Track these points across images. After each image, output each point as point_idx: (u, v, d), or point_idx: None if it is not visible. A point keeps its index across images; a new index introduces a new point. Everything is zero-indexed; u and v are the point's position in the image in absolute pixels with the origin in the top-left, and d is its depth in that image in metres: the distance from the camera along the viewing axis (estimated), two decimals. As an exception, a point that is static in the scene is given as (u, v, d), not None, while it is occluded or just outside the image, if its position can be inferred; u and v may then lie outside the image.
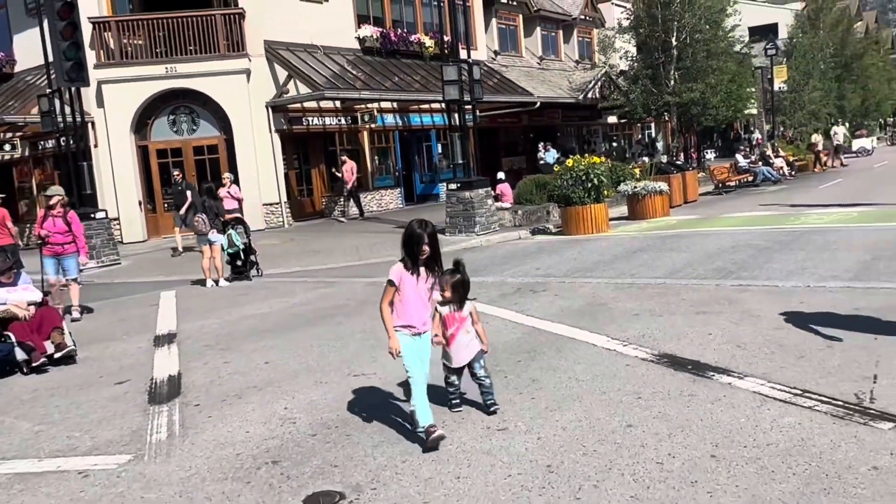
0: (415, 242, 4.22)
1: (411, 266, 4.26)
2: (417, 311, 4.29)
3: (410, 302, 4.26)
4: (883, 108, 53.84)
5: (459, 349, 4.62)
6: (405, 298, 4.25)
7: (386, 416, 4.83)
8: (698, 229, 13.45)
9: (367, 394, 5.35)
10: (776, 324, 6.23)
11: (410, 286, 4.26)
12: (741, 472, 3.56)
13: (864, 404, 4.27)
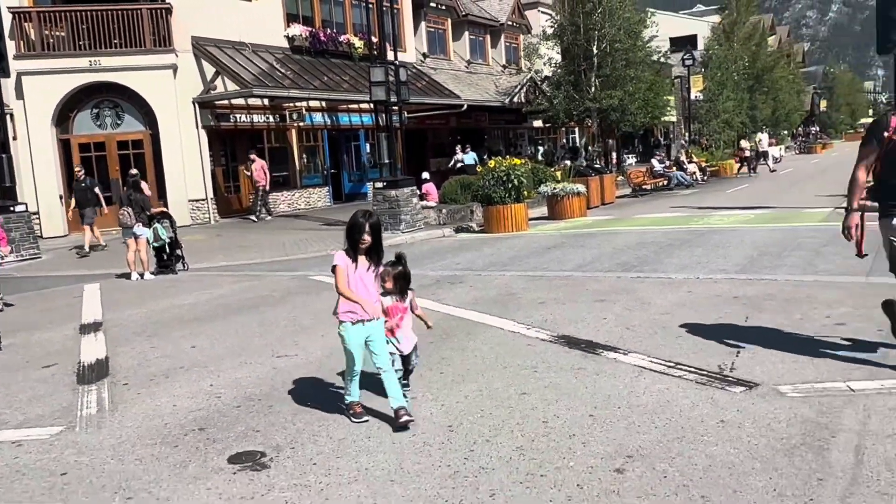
0: (357, 231, 4.32)
1: (353, 255, 4.36)
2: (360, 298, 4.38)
3: (353, 289, 4.36)
4: (792, 119, 56.84)
5: (406, 336, 4.83)
6: (350, 286, 4.36)
7: (306, 390, 5.25)
8: (610, 228, 14.27)
9: (289, 372, 5.75)
10: (663, 310, 6.92)
11: (352, 274, 4.36)
12: (613, 427, 4.14)
13: (724, 373, 4.93)
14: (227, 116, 21.33)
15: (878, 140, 4.68)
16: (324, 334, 6.94)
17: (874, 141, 4.70)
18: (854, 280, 7.64)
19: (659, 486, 3.41)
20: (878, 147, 4.67)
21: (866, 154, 4.76)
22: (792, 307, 6.65)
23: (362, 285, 4.38)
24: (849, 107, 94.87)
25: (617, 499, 3.32)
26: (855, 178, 4.79)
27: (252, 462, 4.03)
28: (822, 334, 5.72)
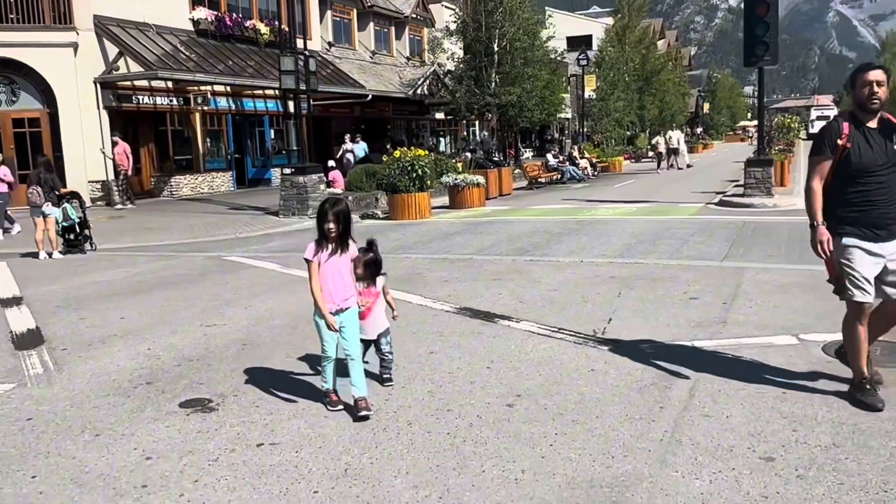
0: (323, 221, 4.36)
1: (324, 244, 4.38)
2: (335, 287, 4.41)
3: (327, 279, 4.38)
4: (677, 119, 60.29)
5: (372, 322, 4.90)
6: (322, 276, 4.39)
7: (239, 352, 5.90)
8: (507, 218, 15.36)
9: (220, 338, 6.37)
10: (551, 287, 7.94)
11: (325, 264, 4.38)
12: (505, 376, 5.04)
13: (597, 335, 5.94)
14: (129, 98, 21.15)
15: (831, 148, 4.28)
16: (247, 307, 7.57)
17: (827, 149, 4.30)
18: (710, 264, 8.92)
19: (541, 414, 4.33)
20: (833, 155, 4.29)
21: (820, 163, 4.34)
22: (657, 285, 7.81)
23: (337, 274, 4.41)
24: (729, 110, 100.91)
25: (508, 424, 4.21)
26: (811, 189, 4.37)
27: (202, 406, 4.69)
28: (678, 306, 6.85)
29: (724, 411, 4.27)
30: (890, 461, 3.57)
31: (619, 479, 3.49)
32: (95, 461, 3.92)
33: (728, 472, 3.51)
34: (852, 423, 4.03)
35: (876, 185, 4.21)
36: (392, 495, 3.41)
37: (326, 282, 4.40)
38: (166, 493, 3.53)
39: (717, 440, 3.88)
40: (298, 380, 5.13)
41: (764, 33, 14.97)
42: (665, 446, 3.83)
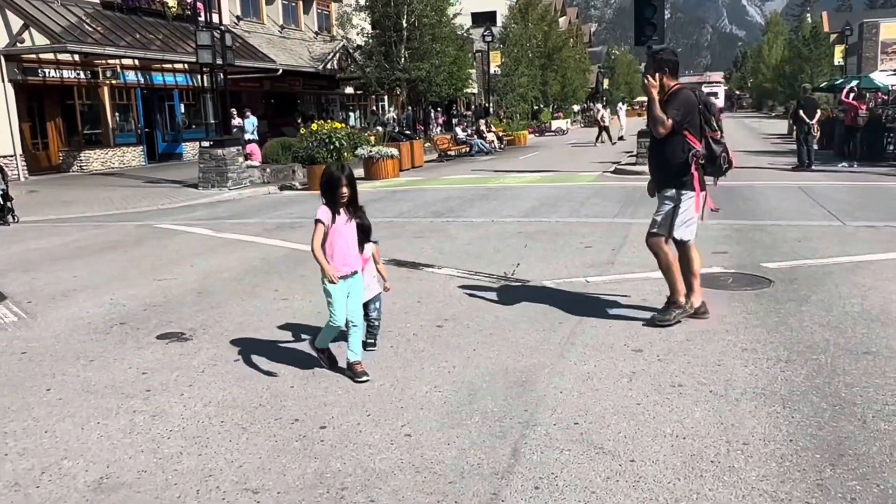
0: (336, 185, 4.34)
1: (333, 209, 4.38)
2: (344, 252, 4.43)
3: (337, 244, 4.39)
4: (578, 95, 62.63)
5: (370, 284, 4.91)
6: (331, 241, 4.38)
7: (196, 297, 6.67)
8: (421, 187, 16.34)
9: (175, 289, 7.10)
10: (467, 241, 9.00)
11: (335, 229, 4.39)
12: (433, 307, 6.05)
13: (508, 276, 7.03)
14: (34, 71, 20.82)
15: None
16: (192, 265, 8.28)
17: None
18: (603, 220, 10.22)
19: (465, 331, 5.36)
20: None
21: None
22: (557, 237, 8.99)
23: (343, 240, 4.42)
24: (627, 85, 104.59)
25: (439, 338, 5.22)
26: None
27: (177, 338, 5.49)
28: (575, 253, 8.04)
29: (607, 323, 5.42)
30: (725, 348, 4.78)
31: (527, 368, 4.56)
32: (98, 377, 4.69)
33: (608, 360, 4.65)
34: (701, 325, 5.26)
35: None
36: (352, 385, 4.37)
37: (339, 246, 4.41)
38: (168, 394, 4.36)
39: (601, 341, 5.02)
40: (257, 317, 5.98)
41: (652, 15, 16.39)
42: (562, 347, 4.94)
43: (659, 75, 5.27)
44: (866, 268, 6.88)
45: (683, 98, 5.20)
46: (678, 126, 5.14)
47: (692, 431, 3.60)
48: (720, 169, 5.25)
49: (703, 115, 5.19)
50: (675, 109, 5.14)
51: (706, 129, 5.21)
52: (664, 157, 5.27)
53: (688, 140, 5.16)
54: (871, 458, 3.27)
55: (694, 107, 5.17)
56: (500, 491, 3.11)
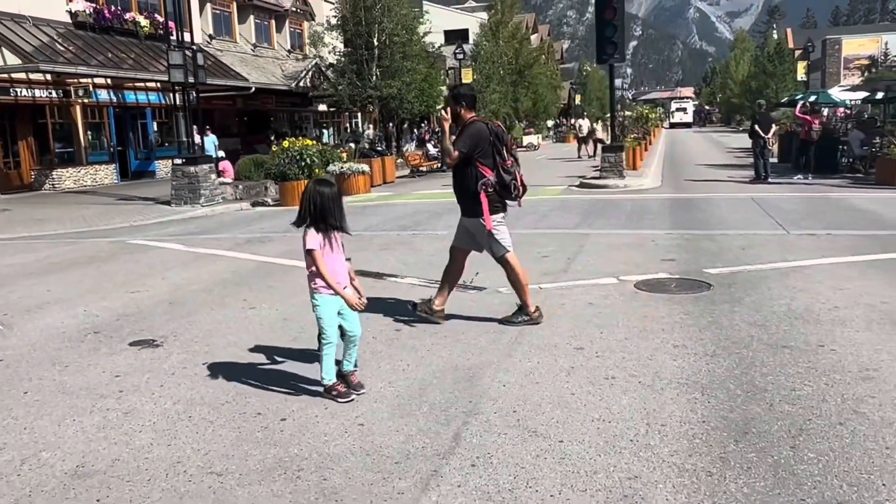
0: (331, 208, 4.31)
1: (324, 229, 4.32)
2: (341, 268, 4.43)
3: (329, 263, 4.36)
4: (549, 111, 63.56)
5: None
6: (329, 259, 4.37)
7: (167, 307, 6.97)
8: (391, 202, 16.71)
9: (147, 300, 7.39)
10: (431, 253, 9.38)
11: (328, 249, 4.36)
12: (394, 312, 6.40)
13: (466, 284, 7.40)
14: (6, 90, 20.95)
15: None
16: (163, 278, 8.56)
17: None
18: (563, 231, 10.67)
19: (421, 334, 5.72)
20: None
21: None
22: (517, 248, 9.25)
23: (336, 258, 4.42)
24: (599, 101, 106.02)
25: (397, 340, 5.58)
26: None
27: (149, 345, 5.78)
28: (533, 261, 8.43)
29: (554, 324, 5.82)
30: (659, 345, 5.19)
31: (475, 365, 4.93)
32: (73, 380, 4.98)
33: (550, 357, 5.03)
34: (641, 326, 5.66)
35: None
36: (312, 383, 4.71)
37: (335, 265, 4.38)
38: (140, 394, 4.67)
39: (546, 340, 5.41)
40: (226, 324, 6.30)
41: (612, 34, 17.02)
42: (510, 346, 5.32)
43: (459, 108, 5.68)
44: (800, 272, 7.36)
45: (474, 130, 5.61)
46: (469, 157, 5.58)
47: (617, 416, 3.99)
48: (511, 195, 5.74)
49: (494, 146, 5.60)
50: (463, 141, 5.57)
51: (498, 159, 5.62)
52: (462, 185, 5.76)
53: (479, 169, 5.60)
54: (771, 435, 3.68)
55: (485, 138, 5.59)
56: (441, 469, 3.47)
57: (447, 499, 3.19)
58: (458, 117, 5.71)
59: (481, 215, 5.70)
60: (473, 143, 5.57)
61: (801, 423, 3.80)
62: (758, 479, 3.25)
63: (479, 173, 5.61)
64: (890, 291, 6.44)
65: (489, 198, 5.64)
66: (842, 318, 5.65)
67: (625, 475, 3.33)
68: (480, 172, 5.61)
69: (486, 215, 5.66)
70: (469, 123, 5.65)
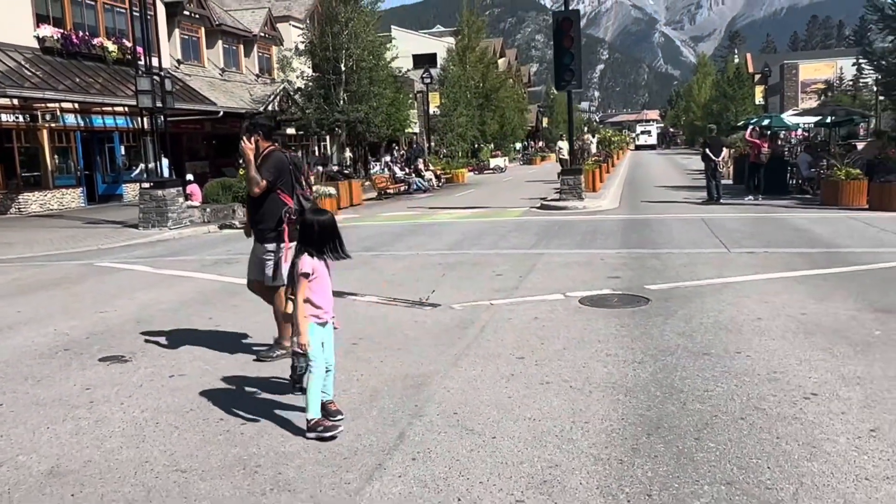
0: (332, 233, 4.40)
1: (318, 256, 4.36)
2: (325, 299, 4.40)
3: (320, 291, 4.35)
4: (517, 134, 64.56)
5: None
6: (317, 288, 4.33)
7: (136, 326, 7.28)
8: (357, 224, 17.12)
9: (116, 319, 7.69)
10: (391, 272, 9.80)
11: (322, 275, 4.38)
12: (351, 328, 6.79)
13: (422, 301, 7.84)
14: (-28, 115, 21.01)
15: None
16: (131, 298, 8.86)
17: None
18: (518, 251, 11.15)
19: (376, 347, 6.12)
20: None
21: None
22: (474, 267, 9.86)
23: (328, 286, 4.44)
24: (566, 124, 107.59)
25: (353, 354, 5.97)
26: None
27: (118, 360, 6.11)
28: (487, 280, 8.90)
29: (500, 337, 6.26)
30: (594, 354, 5.65)
31: (424, 374, 5.35)
32: (46, 393, 5.30)
33: (493, 366, 5.47)
34: (579, 337, 6.13)
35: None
36: (273, 394, 5.09)
37: (319, 294, 4.36)
38: (110, 404, 5.01)
39: (491, 351, 5.85)
40: (191, 341, 6.64)
41: (570, 62, 17.69)
42: (457, 357, 5.75)
43: (256, 138, 5.70)
44: (733, 287, 7.91)
45: (276, 160, 5.71)
46: (272, 186, 5.67)
47: (547, 415, 4.43)
48: None
49: (293, 175, 5.77)
50: (268, 171, 5.64)
51: (297, 188, 5.81)
52: (263, 213, 5.78)
53: (280, 198, 5.72)
54: (680, 429, 4.15)
55: (286, 167, 5.73)
56: (384, 462, 3.87)
57: (388, 486, 3.60)
58: (257, 147, 5.72)
59: (274, 241, 5.77)
60: (278, 172, 5.67)
61: (707, 419, 4.27)
62: (662, 465, 3.70)
63: (282, 201, 5.71)
64: (810, 304, 7.00)
65: (291, 226, 5.68)
66: (762, 329, 6.17)
67: (547, 464, 3.76)
68: (282, 201, 5.71)
69: (287, 243, 5.70)
70: (269, 153, 5.72)
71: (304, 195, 5.88)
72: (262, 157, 5.70)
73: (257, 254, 5.93)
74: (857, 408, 4.36)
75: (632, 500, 3.37)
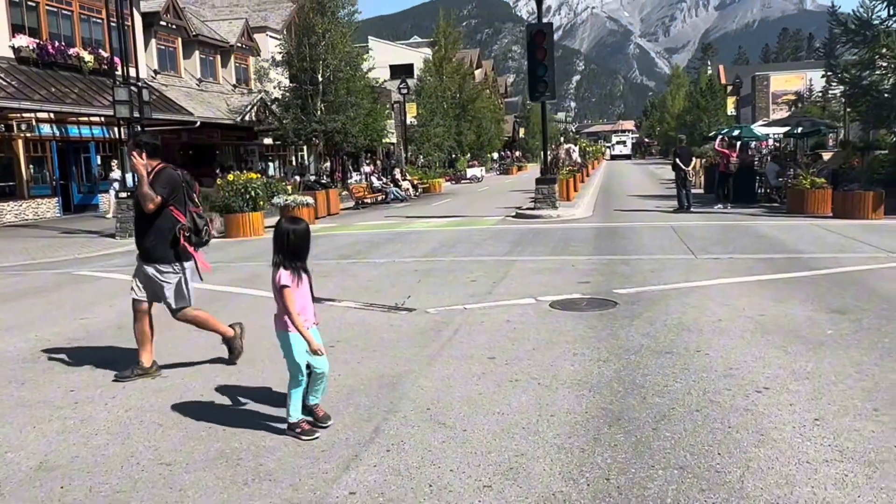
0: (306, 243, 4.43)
1: (294, 266, 4.37)
2: (306, 308, 4.43)
3: (299, 300, 4.37)
4: (493, 144, 65.07)
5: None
6: (301, 296, 4.39)
7: (117, 332, 7.42)
8: (334, 233, 17.30)
9: (97, 325, 7.83)
10: (368, 279, 10.01)
11: (300, 285, 4.40)
12: (329, 331, 6.98)
13: (398, 306, 8.06)
14: (-53, 124, 20.92)
15: None
16: (111, 305, 8.98)
17: None
18: (492, 258, 11.42)
19: (354, 349, 6.33)
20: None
21: None
22: (449, 274, 10.10)
23: (306, 295, 4.47)
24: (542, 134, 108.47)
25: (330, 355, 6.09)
26: None
27: (101, 364, 6.25)
28: (461, 286, 9.14)
29: (473, 339, 6.51)
30: (562, 353, 5.91)
31: (399, 373, 5.58)
32: (31, 395, 5.45)
33: (465, 366, 5.71)
34: (548, 339, 6.39)
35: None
36: (254, 392, 5.28)
37: (305, 301, 4.42)
38: (94, 405, 5.17)
39: (464, 352, 6.08)
40: (172, 343, 6.80)
41: (544, 74, 18.05)
42: (431, 358, 5.97)
43: (142, 156, 5.60)
44: (697, 291, 8.22)
45: (168, 176, 5.62)
46: (165, 202, 5.57)
47: (515, 410, 4.67)
48: (202, 240, 5.84)
49: (185, 192, 5.72)
50: (162, 186, 5.54)
51: (190, 205, 5.74)
52: (154, 231, 5.64)
53: (174, 215, 5.64)
54: (639, 420, 4.41)
55: (178, 184, 5.66)
56: (360, 454, 4.09)
57: (363, 475, 3.82)
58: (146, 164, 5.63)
59: (182, 259, 5.74)
60: (171, 188, 5.59)
61: (665, 411, 4.54)
62: (621, 453, 3.96)
63: (174, 218, 5.64)
64: (769, 306, 7.32)
65: (187, 242, 5.68)
66: (722, 329, 6.48)
67: (513, 453, 4.00)
68: (175, 217, 5.64)
69: (198, 256, 5.81)
70: (160, 169, 5.63)
71: (197, 213, 5.81)
72: (153, 174, 5.59)
73: (147, 274, 5.76)
74: (805, 400, 4.65)
75: (591, 483, 3.62)
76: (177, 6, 32.50)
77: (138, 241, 5.84)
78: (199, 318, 6.04)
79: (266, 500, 3.61)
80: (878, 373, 5.13)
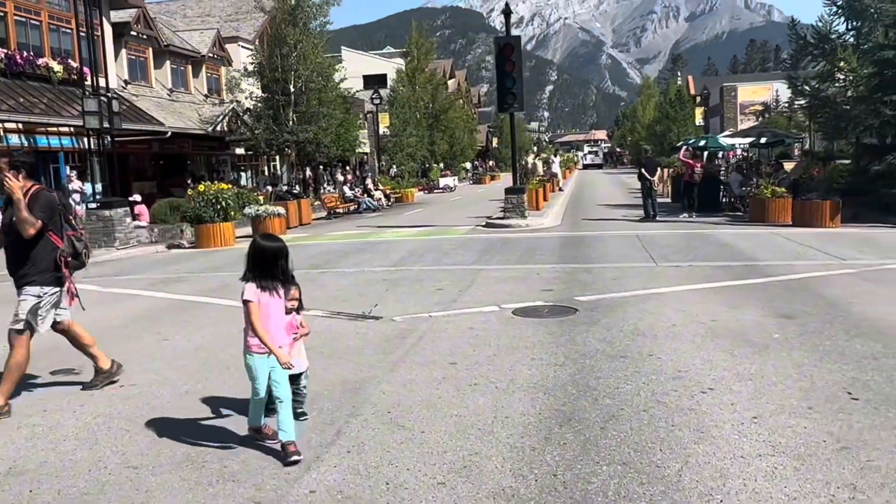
0: (274, 260, 4.33)
1: (269, 284, 4.29)
2: (277, 327, 4.34)
3: (266, 319, 4.25)
4: (467, 154, 65.47)
5: (300, 354, 4.81)
6: (265, 316, 4.25)
7: (86, 342, 7.51)
8: (306, 243, 17.42)
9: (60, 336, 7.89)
10: (336, 289, 10.18)
11: (267, 303, 4.27)
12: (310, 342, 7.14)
13: (365, 315, 8.24)
14: (-88, 135, 20.70)
15: None
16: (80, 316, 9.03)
17: None
18: (460, 267, 11.64)
19: (318, 357, 6.48)
20: None
21: None
22: (416, 283, 10.30)
23: (277, 316, 4.35)
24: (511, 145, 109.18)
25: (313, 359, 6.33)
26: None
27: (69, 373, 6.39)
28: (428, 294, 9.34)
29: (436, 345, 6.71)
30: (521, 358, 6.13)
31: (362, 379, 5.76)
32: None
33: (427, 371, 5.90)
34: (509, 344, 6.61)
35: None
36: (221, 399, 5.43)
37: (273, 321, 4.30)
38: (63, 412, 5.29)
39: (427, 358, 6.28)
40: (142, 353, 6.93)
41: (512, 86, 18.39)
42: (394, 364, 6.16)
43: (18, 177, 5.33)
44: (656, 298, 8.51)
45: (46, 199, 5.37)
46: (45, 227, 5.33)
47: (472, 412, 4.88)
48: (82, 263, 5.71)
49: (62, 216, 5.52)
50: (41, 210, 5.28)
51: (67, 228, 5.55)
52: (34, 257, 5.38)
53: (52, 240, 5.41)
54: (589, 420, 4.63)
55: (56, 207, 5.44)
56: (322, 455, 4.27)
57: (324, 475, 3.99)
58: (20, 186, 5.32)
59: (57, 284, 5.58)
60: (50, 212, 5.36)
61: (614, 412, 4.77)
62: (569, 451, 4.18)
63: (53, 244, 5.42)
64: (722, 312, 7.62)
65: (66, 267, 5.53)
66: (675, 334, 6.75)
67: (468, 453, 4.21)
68: (53, 243, 5.42)
69: (71, 282, 5.72)
70: (36, 192, 5.35)
71: (75, 236, 5.61)
72: (28, 196, 5.29)
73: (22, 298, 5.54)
74: (746, 399, 4.92)
75: (539, 479, 3.83)
76: (147, 16, 32.41)
77: (11, 268, 5.51)
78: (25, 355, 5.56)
79: (230, 499, 3.77)
80: (817, 373, 5.42)
